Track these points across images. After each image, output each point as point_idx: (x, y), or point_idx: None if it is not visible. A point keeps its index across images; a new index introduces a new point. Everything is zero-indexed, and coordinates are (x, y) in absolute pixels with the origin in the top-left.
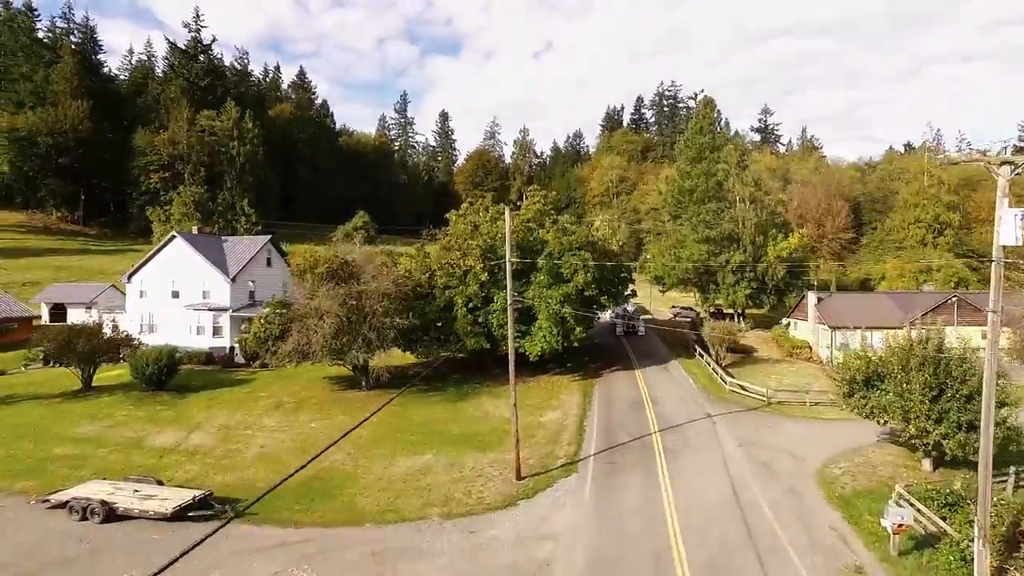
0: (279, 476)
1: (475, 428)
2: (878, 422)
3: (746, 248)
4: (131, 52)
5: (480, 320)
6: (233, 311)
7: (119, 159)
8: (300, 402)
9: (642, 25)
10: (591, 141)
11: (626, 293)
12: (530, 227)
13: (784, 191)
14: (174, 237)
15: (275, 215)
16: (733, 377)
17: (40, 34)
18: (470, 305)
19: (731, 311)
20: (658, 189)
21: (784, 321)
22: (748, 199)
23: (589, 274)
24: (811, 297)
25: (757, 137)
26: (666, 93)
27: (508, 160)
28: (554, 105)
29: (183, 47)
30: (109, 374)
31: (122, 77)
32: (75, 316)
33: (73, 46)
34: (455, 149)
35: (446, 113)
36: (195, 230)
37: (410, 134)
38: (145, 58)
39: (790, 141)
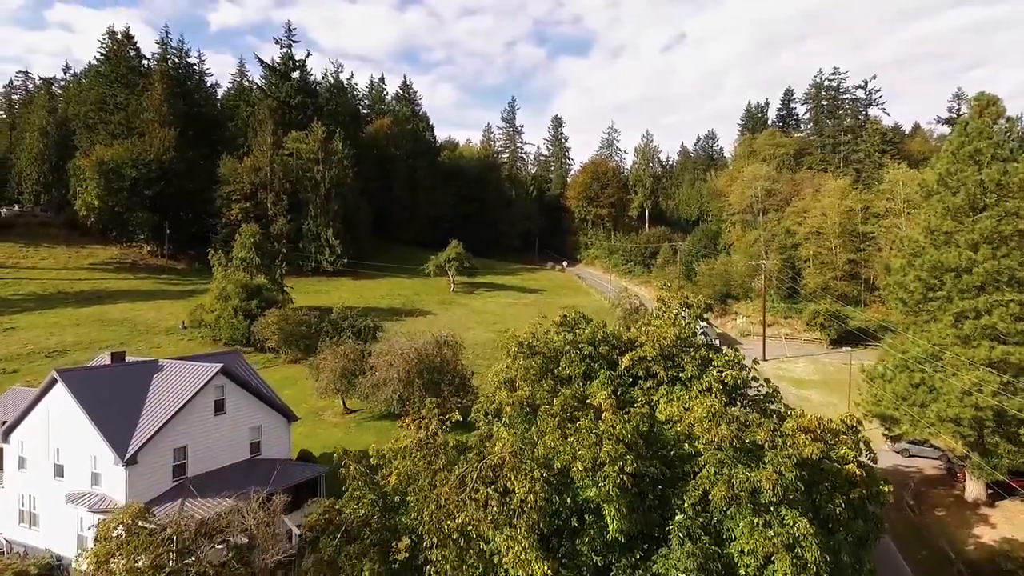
0: None
1: None
2: None
3: None
4: (240, 74)
5: None
6: None
7: (205, 188)
8: None
9: (782, 6)
10: (726, 144)
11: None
12: (646, 389)
13: None
14: (55, 381)
15: (366, 243)
16: None
17: (143, 62)
18: None
19: None
20: (821, 208)
21: None
22: None
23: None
24: None
25: (945, 130)
26: (826, 83)
27: (628, 170)
28: (684, 104)
29: (274, 65)
30: None
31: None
32: None
33: (170, 71)
34: (569, 159)
35: (559, 119)
36: (107, 356)
37: (518, 144)
38: (238, 79)
39: None
